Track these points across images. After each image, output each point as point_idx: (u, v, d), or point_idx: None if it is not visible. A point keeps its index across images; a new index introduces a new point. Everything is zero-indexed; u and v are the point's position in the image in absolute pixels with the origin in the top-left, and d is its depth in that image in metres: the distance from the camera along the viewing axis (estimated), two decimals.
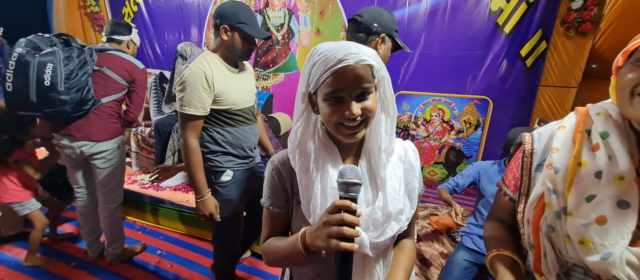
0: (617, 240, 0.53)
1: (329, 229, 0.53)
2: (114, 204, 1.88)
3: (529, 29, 2.51)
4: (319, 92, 0.62)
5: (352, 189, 0.55)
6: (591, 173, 0.57)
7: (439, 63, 2.83)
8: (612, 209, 0.54)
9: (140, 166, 2.90)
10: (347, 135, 0.62)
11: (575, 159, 0.59)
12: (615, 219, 0.53)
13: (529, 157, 0.71)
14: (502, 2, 2.52)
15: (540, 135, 0.71)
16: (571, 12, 2.33)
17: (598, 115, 0.61)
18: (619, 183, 0.54)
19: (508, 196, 0.77)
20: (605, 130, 0.58)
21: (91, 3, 4.05)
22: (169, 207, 2.34)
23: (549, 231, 0.61)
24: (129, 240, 2.20)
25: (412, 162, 0.71)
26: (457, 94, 2.88)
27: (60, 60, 1.49)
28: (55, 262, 2.00)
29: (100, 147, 1.72)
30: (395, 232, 0.65)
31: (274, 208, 0.71)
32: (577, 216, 0.56)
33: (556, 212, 0.60)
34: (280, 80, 3.62)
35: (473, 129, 2.93)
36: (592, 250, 0.54)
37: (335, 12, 3.14)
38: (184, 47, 2.53)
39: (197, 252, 2.17)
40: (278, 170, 0.70)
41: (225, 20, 1.29)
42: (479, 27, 2.64)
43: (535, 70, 2.58)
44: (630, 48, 0.57)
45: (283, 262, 0.70)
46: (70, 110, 1.56)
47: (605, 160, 0.56)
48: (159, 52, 4.16)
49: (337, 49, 0.58)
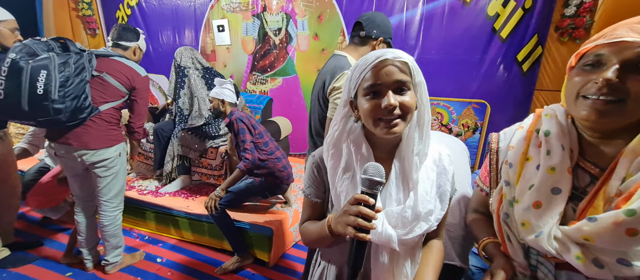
0: (547, 221, 0.63)
1: (348, 218, 0.60)
2: (115, 211, 1.82)
3: (525, 35, 2.56)
4: (359, 92, 0.67)
5: (374, 186, 0.60)
6: (534, 166, 0.67)
7: (437, 67, 2.87)
8: (546, 195, 0.63)
9: (137, 172, 2.83)
10: (386, 130, 0.64)
11: (523, 154, 0.70)
12: (549, 204, 0.63)
13: (495, 154, 0.80)
14: (498, 8, 2.57)
15: (505, 135, 0.80)
16: (565, 19, 2.40)
17: (546, 115, 0.70)
18: (551, 173, 0.63)
19: (485, 191, 0.86)
20: (548, 129, 0.67)
21: (83, 6, 3.97)
22: (169, 213, 2.29)
23: (505, 218, 0.71)
24: (128, 249, 2.14)
25: (445, 166, 0.73)
26: (455, 98, 2.92)
27: (55, 66, 1.42)
28: (50, 272, 1.93)
29: (100, 155, 1.66)
30: (424, 231, 0.68)
31: (313, 197, 0.79)
32: (521, 202, 0.66)
33: (509, 200, 0.70)
34: (279, 85, 3.61)
35: (471, 133, 2.97)
36: (530, 231, 0.64)
37: (333, 16, 3.16)
38: (179, 51, 2.51)
39: (197, 259, 2.13)
40: (317, 164, 0.77)
41: (382, 33, 1.34)
42: (476, 32, 2.68)
43: (531, 74, 2.64)
44: (581, 51, 0.63)
45: (315, 242, 0.78)
46: (64, 120, 1.48)
47: (544, 154, 0.65)
48: (153, 56, 4.10)
49: (375, 51, 0.66)
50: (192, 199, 2.40)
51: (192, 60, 2.51)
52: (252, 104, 3.27)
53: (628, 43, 0.56)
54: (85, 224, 1.84)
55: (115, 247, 1.89)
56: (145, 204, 2.35)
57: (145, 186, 2.56)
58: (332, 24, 3.18)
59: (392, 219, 0.68)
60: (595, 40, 0.61)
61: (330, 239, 0.69)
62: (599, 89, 0.58)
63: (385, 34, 1.35)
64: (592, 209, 0.60)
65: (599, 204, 0.60)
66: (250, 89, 3.71)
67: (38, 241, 2.21)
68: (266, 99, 3.16)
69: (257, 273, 2.01)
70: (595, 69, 0.60)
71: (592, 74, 0.60)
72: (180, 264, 2.08)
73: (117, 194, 1.81)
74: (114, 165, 1.73)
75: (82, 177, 1.76)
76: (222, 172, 2.51)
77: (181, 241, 2.31)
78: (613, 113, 0.58)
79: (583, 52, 0.63)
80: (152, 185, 2.58)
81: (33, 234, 2.33)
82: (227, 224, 1.95)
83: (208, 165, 2.54)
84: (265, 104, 3.11)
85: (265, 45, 3.54)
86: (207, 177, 2.58)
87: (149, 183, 2.62)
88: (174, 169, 2.55)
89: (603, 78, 0.57)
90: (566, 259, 0.61)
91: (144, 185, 2.57)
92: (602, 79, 0.57)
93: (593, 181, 0.63)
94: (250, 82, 3.72)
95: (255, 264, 2.08)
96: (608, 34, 0.60)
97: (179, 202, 2.33)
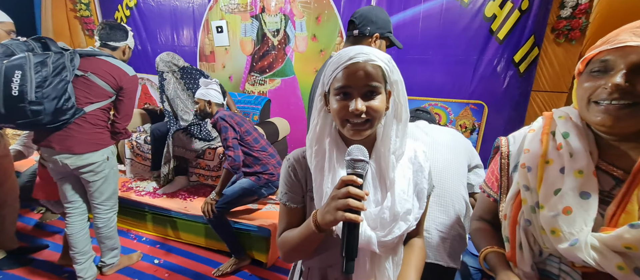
0: (581, 228, 0.59)
1: (337, 202, 0.58)
2: (109, 212, 1.79)
3: (522, 36, 2.58)
4: (331, 88, 0.66)
5: (358, 165, 0.59)
6: (556, 169, 0.64)
7: (435, 68, 2.88)
8: (576, 200, 0.60)
9: (135, 173, 2.83)
10: (353, 132, 0.65)
11: (543, 157, 0.67)
12: (579, 209, 0.60)
13: (506, 159, 0.78)
14: (496, 9, 2.59)
15: (515, 139, 0.78)
16: (561, 20, 2.42)
17: (560, 118, 0.69)
18: (579, 176, 0.60)
19: (492, 197, 0.83)
20: (566, 131, 0.65)
21: (81, 7, 3.97)
22: (166, 214, 2.29)
23: (526, 225, 0.67)
24: (125, 250, 2.14)
25: (421, 163, 0.73)
26: (453, 99, 2.93)
27: (31, 66, 1.33)
28: (47, 274, 1.92)
29: (85, 160, 1.58)
30: (403, 231, 0.67)
31: (291, 203, 0.74)
32: (547, 208, 0.63)
33: (531, 206, 0.66)
34: (277, 86, 3.61)
35: (469, 133, 2.98)
36: (562, 239, 0.60)
37: (331, 17, 3.17)
38: (159, 57, 2.51)
39: (195, 261, 2.12)
40: (293, 167, 0.74)
41: (378, 28, 1.26)
42: (474, 33, 2.70)
43: (528, 75, 2.66)
44: (588, 57, 0.63)
45: (298, 249, 0.71)
46: (45, 122, 1.41)
47: (567, 157, 0.63)
48: (152, 57, 4.10)
49: (351, 49, 0.64)
50: (190, 200, 2.40)
51: (169, 65, 2.51)
52: (251, 105, 3.27)
53: (632, 47, 0.56)
54: (76, 235, 1.74)
55: (111, 248, 1.88)
56: (143, 205, 2.34)
57: (143, 187, 2.55)
58: (330, 25, 3.19)
59: (371, 221, 0.66)
60: (599, 47, 0.61)
61: (317, 239, 0.66)
62: (610, 93, 0.58)
63: (382, 29, 1.28)
64: (625, 214, 0.57)
65: (633, 208, 0.57)
66: (249, 90, 3.71)
67: (43, 245, 2.18)
68: (264, 100, 3.16)
69: (255, 274, 2.01)
70: (603, 74, 0.60)
71: (601, 80, 0.59)
72: (178, 265, 2.07)
73: (110, 197, 1.77)
74: (102, 169, 1.66)
75: (69, 180, 1.69)
76: (219, 173, 2.50)
77: (179, 242, 2.30)
78: (628, 117, 0.57)
79: (589, 58, 0.63)
80: (150, 186, 2.57)
81: (30, 237, 2.31)
82: (225, 227, 1.95)
83: (205, 166, 2.53)
84: (263, 104, 3.11)
85: (263, 46, 3.55)
86: (205, 177, 2.57)
87: (146, 184, 2.62)
88: (171, 170, 2.54)
89: (612, 83, 0.57)
90: (606, 269, 0.57)
91: (141, 187, 2.57)
92: (611, 84, 0.57)
93: (618, 184, 0.61)
94: (249, 83, 3.72)
95: (253, 265, 2.08)
96: (611, 39, 0.60)
97: (176, 203, 2.32)
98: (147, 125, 2.97)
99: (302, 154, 0.75)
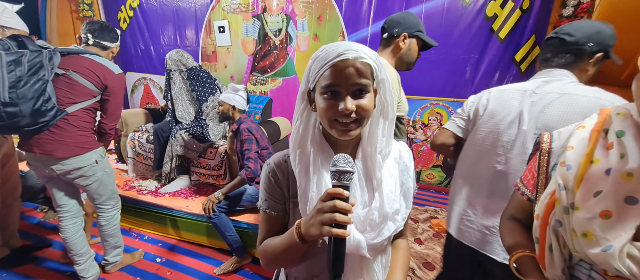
0: (620, 234, 0.54)
1: (322, 216, 0.54)
2: (112, 210, 1.78)
3: (523, 35, 2.58)
4: (317, 87, 0.62)
5: (344, 177, 0.56)
6: (602, 170, 0.58)
7: (437, 67, 2.89)
8: (618, 204, 0.55)
9: (137, 172, 2.84)
10: (340, 132, 0.62)
11: (588, 156, 0.60)
12: (620, 214, 0.54)
13: (546, 156, 0.72)
14: (497, 8, 2.59)
15: (560, 135, 0.72)
16: (562, 19, 2.41)
17: (618, 114, 0.61)
18: (627, 179, 0.54)
19: (526, 196, 0.77)
20: (622, 129, 0.59)
21: (84, 8, 4.00)
22: (168, 213, 2.30)
23: (557, 226, 0.63)
24: (127, 249, 2.15)
25: (406, 163, 0.71)
26: (454, 98, 2.93)
27: (3, 65, 1.25)
28: (50, 272, 1.93)
29: (71, 164, 1.49)
30: (392, 232, 0.65)
31: (271, 211, 0.71)
32: (583, 210, 0.58)
33: (564, 207, 0.61)
34: (279, 85, 3.63)
35: None
36: (595, 243, 0.56)
37: (333, 17, 3.18)
38: (168, 55, 2.52)
39: (197, 259, 2.13)
40: (274, 172, 0.70)
41: (405, 29, 1.33)
42: (475, 32, 2.70)
43: (529, 75, 2.64)
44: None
45: (280, 258, 0.68)
46: (23, 124, 1.32)
47: (616, 157, 0.57)
48: (154, 57, 4.12)
49: (338, 45, 0.60)
50: (192, 199, 2.41)
51: (177, 64, 2.52)
52: (252, 104, 3.29)
53: None
54: (71, 238, 1.69)
55: (115, 246, 1.88)
56: (145, 204, 2.36)
57: (145, 186, 2.57)
58: (332, 24, 3.20)
59: (359, 224, 0.64)
60: None
61: (300, 249, 0.62)
62: None
63: (410, 29, 1.34)
64: None
65: None
66: (251, 90, 3.72)
67: (47, 243, 2.20)
68: (266, 100, 3.17)
69: (256, 272, 2.02)
70: None
71: None
72: (180, 263, 2.08)
73: (109, 197, 1.73)
74: (93, 173, 1.58)
75: (57, 183, 1.61)
76: (221, 172, 2.51)
77: (180, 241, 2.31)
78: None
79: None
80: (152, 185, 2.59)
81: (33, 235, 2.33)
82: (225, 226, 1.96)
83: (206, 165, 2.55)
84: (264, 104, 3.12)
85: (265, 46, 3.56)
86: (206, 177, 2.58)
87: (148, 183, 2.63)
88: (173, 169, 2.56)
89: None
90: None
91: (143, 186, 2.58)
92: None
93: None
94: (251, 83, 3.74)
95: (254, 264, 2.08)
96: None
97: (178, 202, 2.33)
98: (149, 125, 2.99)
99: (283, 158, 0.71)
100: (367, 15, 3.02)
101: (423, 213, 2.75)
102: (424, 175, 3.30)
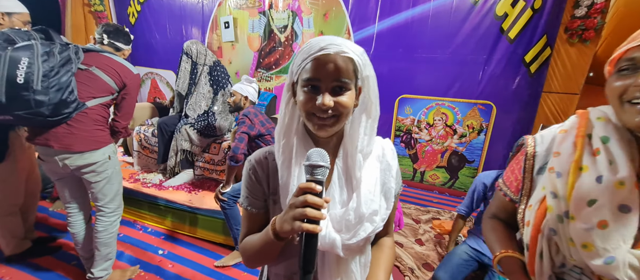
0: (619, 244, 0.55)
1: (294, 211, 0.54)
2: (112, 216, 1.69)
3: (533, 35, 2.52)
4: (299, 79, 0.62)
5: (317, 171, 0.55)
6: (592, 177, 0.58)
7: (443, 67, 2.84)
8: (613, 213, 0.55)
9: (142, 165, 2.89)
10: (317, 127, 0.61)
11: (576, 163, 0.61)
12: (616, 223, 0.55)
13: (531, 159, 0.72)
14: (507, 7, 2.53)
15: (543, 139, 0.72)
16: (575, 20, 2.34)
17: (598, 119, 0.62)
18: (619, 188, 0.55)
19: (508, 197, 0.78)
20: (606, 135, 0.59)
21: (95, 2, 4.06)
22: (171, 206, 2.33)
23: (551, 234, 0.63)
24: (131, 240, 2.19)
25: (389, 161, 0.70)
26: (460, 99, 2.89)
27: (38, 55, 1.29)
28: (53, 260, 1.98)
29: (85, 159, 1.50)
30: (369, 233, 0.64)
31: (252, 208, 0.71)
32: (579, 220, 0.58)
33: (558, 215, 0.61)
34: (283, 82, 3.63)
35: (476, 134, 2.93)
36: (595, 254, 0.56)
37: (339, 14, 3.16)
38: (190, 46, 2.54)
39: (199, 252, 2.16)
40: (254, 169, 0.69)
41: None
42: (484, 31, 2.64)
43: (539, 76, 2.59)
44: (616, 57, 0.60)
45: (259, 256, 0.68)
46: (47, 113, 1.34)
47: (605, 165, 0.57)
48: (161, 52, 4.17)
49: (322, 39, 0.59)
50: (195, 193, 2.43)
51: (203, 57, 2.56)
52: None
53: None
54: (79, 235, 1.70)
55: (106, 258, 1.73)
56: (149, 196, 2.39)
57: (149, 179, 2.61)
58: (338, 21, 3.18)
59: (335, 223, 0.63)
60: (625, 46, 0.59)
61: (276, 246, 0.62)
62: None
63: None
64: None
65: None
66: None
67: (54, 237, 2.22)
68: (270, 96, 3.18)
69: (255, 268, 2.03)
70: (632, 72, 0.57)
71: (630, 78, 0.57)
72: (182, 256, 2.11)
73: (113, 198, 1.68)
74: (105, 169, 1.59)
75: (68, 181, 1.62)
76: (224, 167, 2.53)
77: (183, 234, 2.34)
78: None
79: (617, 58, 0.61)
80: (156, 178, 2.62)
81: (42, 225, 2.39)
82: (236, 219, 1.96)
83: (210, 160, 2.57)
84: (269, 100, 3.13)
85: (270, 42, 3.56)
86: (210, 172, 2.61)
87: (153, 176, 2.67)
88: (177, 163, 2.59)
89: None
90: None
91: (148, 179, 2.62)
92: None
93: None
94: (256, 79, 3.75)
95: None
96: (638, 37, 0.58)
97: (181, 196, 2.36)
98: (155, 119, 3.02)
99: (264, 155, 0.70)
100: (374, 13, 2.98)
101: (425, 214, 2.73)
102: (427, 176, 3.27)
